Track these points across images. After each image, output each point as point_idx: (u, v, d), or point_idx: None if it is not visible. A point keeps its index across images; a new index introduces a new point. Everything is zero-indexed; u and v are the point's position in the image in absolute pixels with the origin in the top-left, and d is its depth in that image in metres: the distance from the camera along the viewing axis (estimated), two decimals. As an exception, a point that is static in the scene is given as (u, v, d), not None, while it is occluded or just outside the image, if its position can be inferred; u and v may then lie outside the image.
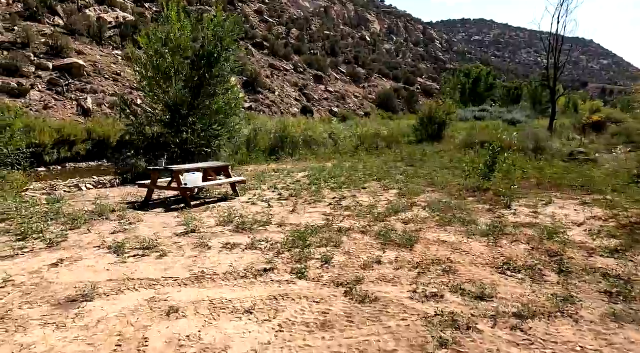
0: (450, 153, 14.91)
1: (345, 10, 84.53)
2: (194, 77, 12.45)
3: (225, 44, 12.39)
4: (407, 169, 11.81)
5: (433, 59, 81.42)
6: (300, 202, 7.83)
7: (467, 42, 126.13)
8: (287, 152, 17.16)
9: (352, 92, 55.67)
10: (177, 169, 7.70)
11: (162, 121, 12.35)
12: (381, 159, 14.72)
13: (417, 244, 4.88)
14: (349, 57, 66.24)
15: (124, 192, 9.38)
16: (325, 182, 10.26)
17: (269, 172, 12.75)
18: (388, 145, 20.45)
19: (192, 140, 12.32)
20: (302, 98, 48.67)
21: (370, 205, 7.33)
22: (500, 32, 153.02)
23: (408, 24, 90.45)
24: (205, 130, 12.57)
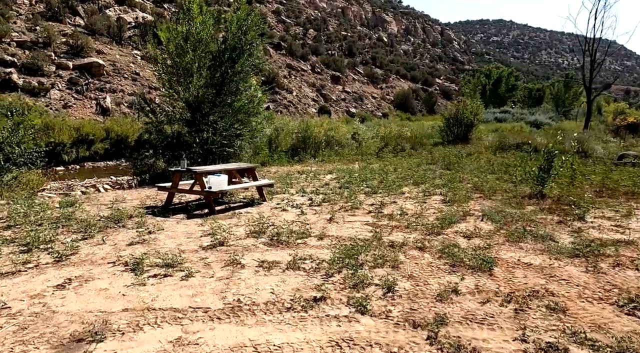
0: (484, 155, 13.90)
1: (362, 11, 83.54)
2: (216, 73, 11.68)
3: (249, 37, 11.61)
4: (443, 172, 10.88)
5: (451, 60, 79.89)
6: (336, 208, 6.98)
7: (485, 43, 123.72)
8: (309, 152, 16.34)
9: (369, 93, 54.69)
10: (200, 170, 6.91)
11: (182, 119, 11.61)
12: (410, 161, 13.79)
13: (495, 267, 3.98)
14: (366, 58, 65.26)
15: (143, 194, 8.64)
16: (357, 185, 9.41)
17: (293, 173, 11.93)
18: (412, 146, 19.52)
19: (214, 140, 11.56)
20: (319, 98, 47.87)
21: (416, 213, 6.44)
22: (520, 32, 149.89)
23: (426, 24, 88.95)
24: (226, 129, 11.81)
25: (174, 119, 11.78)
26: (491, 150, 15.41)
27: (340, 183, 9.67)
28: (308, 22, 69.95)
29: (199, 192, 7.08)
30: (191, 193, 7.40)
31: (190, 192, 7.33)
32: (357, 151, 17.18)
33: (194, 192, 7.31)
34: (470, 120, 20.64)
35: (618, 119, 24.36)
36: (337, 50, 64.21)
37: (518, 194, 7.60)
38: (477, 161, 12.40)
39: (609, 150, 13.78)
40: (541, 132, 22.43)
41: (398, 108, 53.12)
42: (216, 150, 11.61)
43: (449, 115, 21.11)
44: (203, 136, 11.71)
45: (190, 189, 7.38)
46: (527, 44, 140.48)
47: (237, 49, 11.58)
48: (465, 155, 13.57)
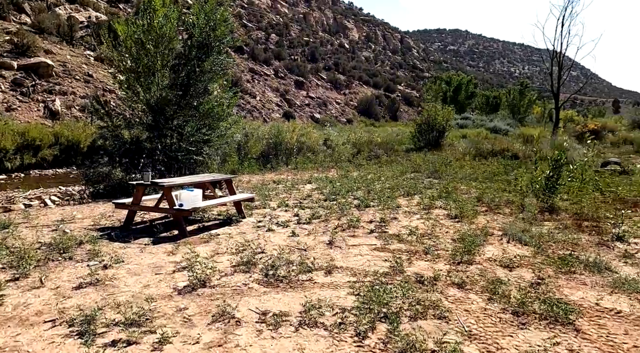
0: (466, 162, 13.22)
1: (324, 17, 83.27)
2: (181, 73, 10.37)
3: (218, 33, 10.38)
4: (432, 181, 10.05)
5: (411, 67, 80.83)
6: (330, 227, 5.91)
7: (442, 52, 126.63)
8: (281, 159, 15.21)
9: (333, 98, 54.07)
10: (168, 184, 5.65)
11: (143, 123, 10.21)
12: (392, 168, 12.92)
13: (577, 317, 3.03)
14: (329, 63, 64.76)
15: (96, 211, 7.24)
16: (343, 197, 8.39)
17: (268, 183, 10.76)
18: (386, 152, 18.80)
19: (179, 146, 10.23)
20: (283, 103, 46.74)
21: (427, 233, 5.48)
22: (475, 42, 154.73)
23: (386, 32, 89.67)
24: (193, 134, 10.52)
25: (133, 123, 10.35)
26: (469, 156, 14.82)
27: (325, 195, 8.61)
28: (270, 27, 68.76)
29: (166, 210, 5.82)
30: (157, 211, 6.12)
31: (156, 210, 6.06)
32: (331, 158, 16.19)
33: (160, 210, 6.04)
34: (442, 125, 20.15)
35: (579, 126, 24.70)
36: (300, 56, 63.39)
37: (527, 208, 6.81)
38: (462, 169, 11.68)
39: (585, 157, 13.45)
40: (512, 138, 22.32)
41: (362, 114, 52.78)
42: (182, 158, 10.28)
43: (421, 121, 20.54)
44: (167, 142, 10.37)
45: (156, 206, 6.10)
46: (482, 54, 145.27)
47: (205, 46, 10.34)
48: (447, 162, 12.85)
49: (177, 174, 10.27)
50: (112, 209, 7.30)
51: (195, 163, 10.88)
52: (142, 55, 10.00)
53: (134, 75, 10.02)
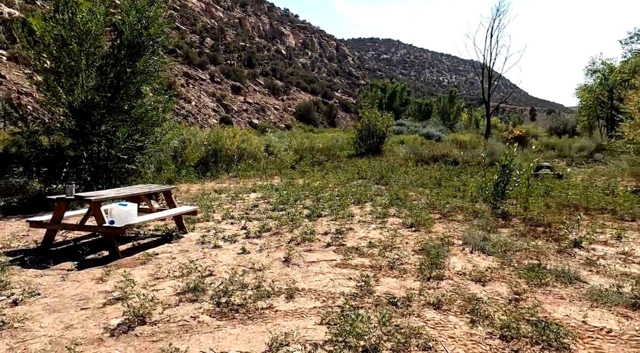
0: (410, 168, 13.26)
1: (260, 23, 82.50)
2: (110, 74, 9.41)
3: (152, 32, 9.54)
4: (380, 188, 9.87)
5: (346, 75, 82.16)
6: (284, 241, 5.42)
7: (376, 60, 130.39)
8: (221, 167, 14.44)
9: (271, 104, 53.45)
10: (96, 198, 4.87)
11: (65, 129, 9.12)
12: (338, 175, 12.65)
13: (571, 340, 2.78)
14: (266, 69, 64.11)
15: (7, 230, 6.19)
16: (291, 206, 7.93)
17: (209, 193, 10.04)
18: (328, 159, 18.60)
19: (109, 154, 9.24)
20: (220, 109, 45.40)
21: (388, 244, 5.16)
22: (406, 51, 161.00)
23: (322, 39, 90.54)
24: (124, 141, 9.57)
25: (53, 129, 9.21)
26: (411, 162, 14.95)
27: (273, 205, 8.09)
28: (205, 31, 66.91)
29: (95, 228, 5.03)
30: (83, 229, 5.29)
31: (82, 228, 5.23)
32: (274, 165, 15.64)
33: (87, 228, 5.22)
34: (382, 131, 20.32)
35: (506, 132, 26.05)
36: (237, 61, 62.17)
37: (480, 213, 6.75)
38: (407, 175, 11.65)
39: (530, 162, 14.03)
40: (446, 144, 23.02)
41: (300, 120, 52.61)
42: (112, 166, 9.29)
43: (361, 127, 20.58)
44: (93, 149, 9.35)
45: (82, 224, 5.27)
46: (413, 63, 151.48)
47: (137, 45, 9.47)
48: (392, 168, 12.80)
49: (106, 185, 9.26)
50: (27, 227, 6.29)
51: (128, 172, 9.92)
52: (63, 54, 8.97)
53: (54, 76, 8.93)
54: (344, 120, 59.44)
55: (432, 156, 14.49)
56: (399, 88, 54.62)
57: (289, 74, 65.21)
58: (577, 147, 18.08)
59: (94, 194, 5.10)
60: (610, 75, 23.85)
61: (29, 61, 9.29)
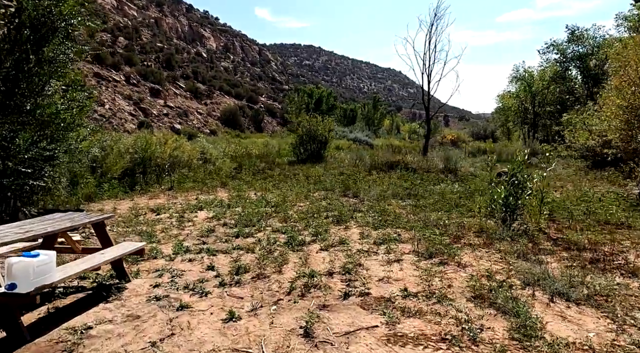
0: (371, 177, 12.07)
1: (178, 24, 78.07)
2: (5, 63, 7.10)
3: (64, 9, 7.36)
4: (352, 202, 8.54)
5: (270, 80, 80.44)
6: (279, 290, 3.84)
7: (299, 66, 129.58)
8: (151, 178, 12.21)
9: (194, 108, 50.16)
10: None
11: (-60, 134, 6.65)
12: (288, 185, 11.12)
13: None
14: (187, 72, 60.37)
15: None
16: (258, 229, 6.31)
17: (143, 212, 8.03)
18: (269, 166, 16.99)
19: (6, 168, 6.89)
20: (138, 112, 41.46)
21: (427, 291, 3.79)
22: (328, 58, 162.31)
23: (244, 43, 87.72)
24: (27, 149, 7.28)
25: None
26: (363, 169, 13.84)
27: (234, 228, 6.40)
28: (117, 29, 61.57)
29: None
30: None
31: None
32: (212, 174, 13.69)
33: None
34: (324, 136, 19.13)
35: (440, 137, 26.22)
36: (154, 62, 57.83)
37: (494, 233, 5.66)
38: (373, 184, 10.42)
39: (472, 168, 13.56)
40: (381, 149, 22.43)
41: (226, 125, 49.99)
42: (10, 184, 6.95)
43: (302, 132, 19.20)
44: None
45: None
46: (335, 69, 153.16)
47: (45, 26, 7.25)
48: (353, 177, 11.52)
49: (2, 210, 6.90)
50: None
51: (32, 190, 7.59)
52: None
53: None
54: (271, 125, 57.69)
55: (386, 162, 13.52)
56: (325, 93, 54.18)
57: (211, 78, 62.07)
58: (512, 151, 18.34)
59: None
60: (532, 82, 25.04)
61: None
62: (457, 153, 14.83)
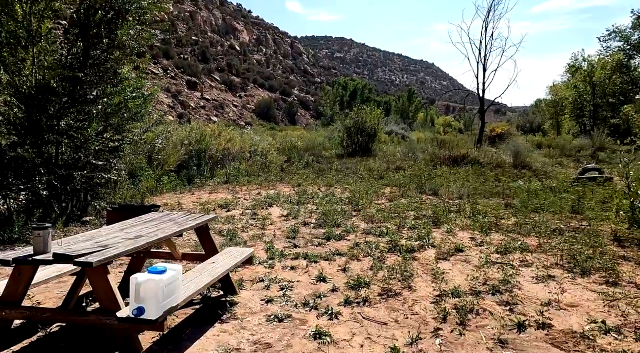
0: (441, 172, 11.18)
1: (213, 17, 78.25)
2: (73, 48, 6.65)
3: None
4: (432, 200, 7.78)
5: (302, 72, 79.80)
6: (424, 313, 3.16)
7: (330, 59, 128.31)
8: (206, 172, 11.75)
9: (230, 101, 50.12)
10: (102, 258, 2.37)
11: (12, 123, 6.25)
12: (349, 180, 10.43)
13: None
14: (221, 65, 60.42)
15: None
16: (348, 230, 5.66)
17: (211, 208, 7.51)
18: (317, 160, 16.36)
19: (79, 159, 6.47)
20: (176, 105, 41.66)
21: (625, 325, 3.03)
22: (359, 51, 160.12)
23: (276, 36, 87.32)
24: (97, 140, 6.85)
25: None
26: (424, 164, 13.00)
27: (322, 230, 5.78)
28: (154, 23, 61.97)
29: (102, 322, 2.50)
30: (69, 319, 2.71)
31: (69, 318, 2.66)
32: (265, 168, 13.14)
33: (80, 320, 2.68)
34: (373, 129, 18.33)
35: (488, 130, 24.95)
36: (190, 55, 58.08)
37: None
38: (448, 181, 9.56)
39: (537, 163, 12.51)
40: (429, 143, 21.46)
41: (260, 117, 49.75)
42: (83, 177, 6.53)
43: (350, 124, 18.45)
44: (50, 152, 6.55)
45: (68, 309, 2.71)
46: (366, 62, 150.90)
47: (116, 10, 6.75)
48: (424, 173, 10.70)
49: (73, 205, 6.49)
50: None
51: (100, 184, 7.16)
52: (3, 18, 6.13)
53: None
54: (304, 118, 57.15)
55: (450, 157, 12.65)
56: (360, 86, 53.12)
57: (245, 70, 61.93)
58: (575, 146, 17.11)
59: (90, 249, 2.56)
60: (594, 71, 23.39)
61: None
62: (528, 147, 13.77)
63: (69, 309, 2.82)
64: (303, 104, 59.97)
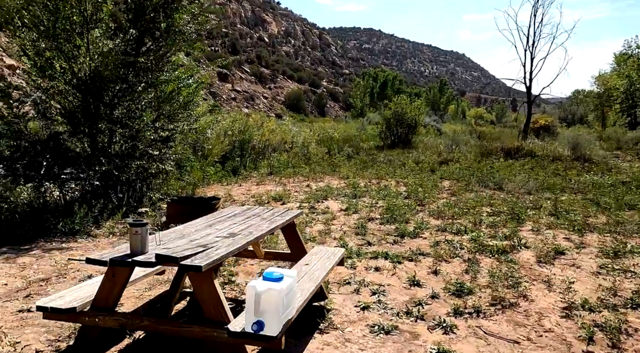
0: (499, 165, 10.53)
1: (242, 9, 78.24)
2: (126, 35, 6.38)
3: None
4: (504, 196, 7.25)
5: (330, 64, 79.04)
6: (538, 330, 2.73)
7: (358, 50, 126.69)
8: (248, 163, 11.47)
9: (260, 93, 50.03)
10: (210, 260, 2.03)
11: (67, 112, 6.05)
12: (397, 173, 9.96)
13: None
14: (250, 56, 60.34)
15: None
16: (419, 226, 5.22)
17: (267, 201, 7.20)
18: (356, 151, 15.93)
19: (135, 149, 6.25)
20: (208, 97, 41.75)
21: None
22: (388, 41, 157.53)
23: (304, 27, 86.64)
24: (151, 129, 6.62)
25: (46, 112, 6.10)
26: (473, 156, 12.37)
27: (389, 225, 5.37)
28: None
29: (210, 335, 2.16)
30: (175, 331, 2.39)
31: (174, 330, 2.34)
32: (306, 159, 12.79)
33: (186, 331, 2.35)
34: (414, 120, 17.71)
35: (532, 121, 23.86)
36: (221, 47, 58.19)
37: None
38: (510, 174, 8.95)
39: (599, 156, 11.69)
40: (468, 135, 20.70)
41: (290, 109, 49.47)
42: (139, 167, 6.30)
43: (390, 115, 17.88)
44: (103, 141, 6.34)
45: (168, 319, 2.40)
46: (395, 53, 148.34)
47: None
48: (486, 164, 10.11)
49: (129, 196, 6.28)
50: (24, 275, 3.34)
51: (152, 174, 6.94)
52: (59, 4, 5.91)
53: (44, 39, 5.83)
54: (333, 109, 56.57)
55: (502, 149, 11.97)
56: (391, 77, 52.09)
57: (274, 62, 61.69)
58: (631, 138, 16.06)
59: (190, 249, 2.23)
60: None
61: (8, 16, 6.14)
62: (589, 139, 12.95)
63: (168, 317, 2.50)
64: (332, 96, 59.38)
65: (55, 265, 3.97)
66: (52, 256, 4.25)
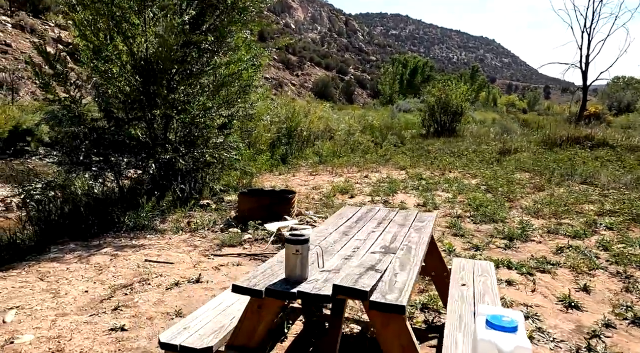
0: (574, 154, 9.67)
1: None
2: (182, 15, 5.82)
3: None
4: (591, 190, 6.49)
5: (357, 50, 77.53)
6: None
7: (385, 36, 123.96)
8: (295, 152, 10.91)
9: (288, 80, 49.41)
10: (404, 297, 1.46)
11: (126, 98, 5.55)
12: (452, 163, 9.24)
13: None
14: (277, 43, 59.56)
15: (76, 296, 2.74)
16: (523, 229, 4.55)
17: (333, 195, 6.61)
18: (400, 140, 15.24)
19: (195, 137, 5.75)
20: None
21: None
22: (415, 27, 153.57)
23: (331, 14, 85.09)
24: (203, 115, 6.10)
25: (106, 98, 5.62)
26: (534, 145, 11.50)
27: (487, 225, 4.73)
28: (213, 1, 62.04)
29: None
30: None
31: None
32: (352, 147, 12.16)
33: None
34: (459, 107, 16.80)
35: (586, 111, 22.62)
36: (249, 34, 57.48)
37: None
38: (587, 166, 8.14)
39: None
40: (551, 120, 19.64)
41: (318, 96, 48.60)
42: (203, 155, 5.80)
43: (434, 102, 17.01)
44: (159, 127, 5.86)
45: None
46: (422, 39, 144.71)
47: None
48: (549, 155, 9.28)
49: (191, 187, 5.80)
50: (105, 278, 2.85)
51: (210, 164, 6.44)
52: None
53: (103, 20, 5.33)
54: (361, 97, 55.49)
55: (567, 137, 11.05)
56: (421, 63, 50.55)
57: (301, 49, 60.81)
58: None
59: (360, 275, 1.66)
60: None
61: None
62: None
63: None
64: (359, 83, 58.28)
65: (135, 267, 3.50)
66: (125, 255, 3.79)
